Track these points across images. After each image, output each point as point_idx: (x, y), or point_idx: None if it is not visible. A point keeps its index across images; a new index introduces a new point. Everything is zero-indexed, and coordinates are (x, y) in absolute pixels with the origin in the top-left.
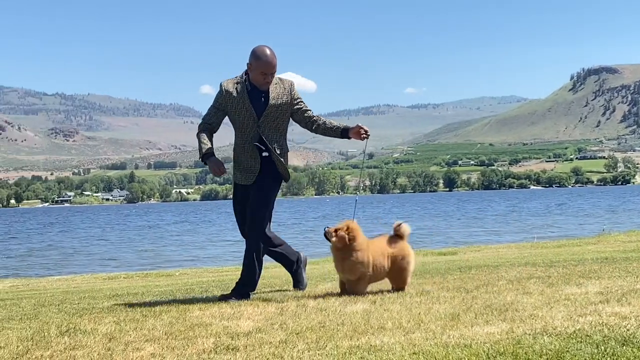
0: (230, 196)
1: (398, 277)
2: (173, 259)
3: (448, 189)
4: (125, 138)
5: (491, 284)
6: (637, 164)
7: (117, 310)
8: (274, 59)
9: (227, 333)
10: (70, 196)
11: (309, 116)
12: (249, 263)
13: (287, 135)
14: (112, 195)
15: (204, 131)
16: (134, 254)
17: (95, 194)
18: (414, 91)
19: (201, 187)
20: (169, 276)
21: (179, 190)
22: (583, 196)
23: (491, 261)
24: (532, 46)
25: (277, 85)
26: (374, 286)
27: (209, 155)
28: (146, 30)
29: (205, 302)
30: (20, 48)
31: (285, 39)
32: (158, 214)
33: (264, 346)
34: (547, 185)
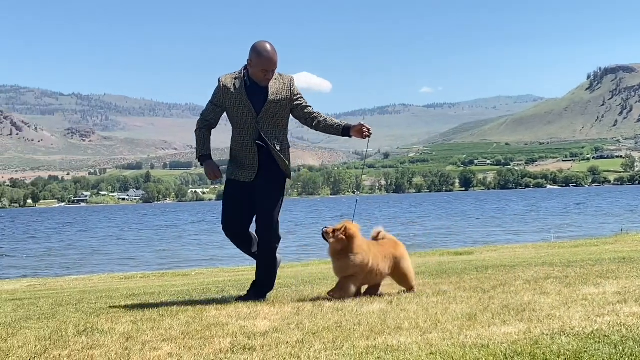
0: None
1: (403, 279)
2: (191, 258)
3: (464, 189)
4: (141, 138)
5: (508, 284)
6: None
7: (134, 310)
8: (275, 55)
9: (244, 333)
10: (86, 196)
11: (309, 112)
12: (265, 263)
13: (303, 135)
14: (128, 195)
15: (202, 129)
16: (153, 254)
17: (111, 194)
18: (429, 91)
19: (217, 187)
20: (185, 276)
21: (194, 190)
22: (601, 195)
23: (508, 261)
24: (549, 45)
25: (276, 81)
26: (388, 288)
27: (206, 157)
28: (162, 31)
29: (222, 302)
30: (37, 49)
31: (301, 39)
32: (175, 213)
33: (281, 346)
34: (564, 185)
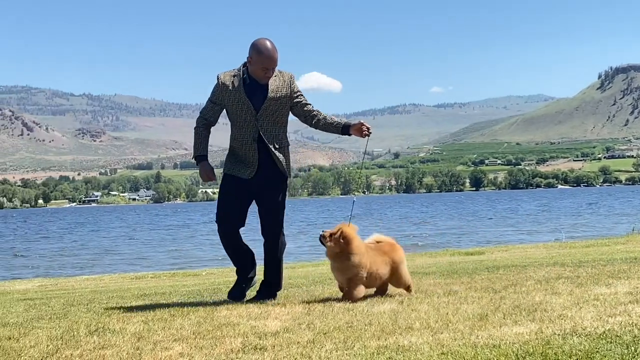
0: None
1: (399, 280)
2: (203, 258)
3: (474, 189)
4: (152, 138)
5: (519, 284)
6: None
7: (146, 310)
8: (276, 53)
9: (255, 333)
10: (97, 196)
11: (309, 110)
12: (273, 263)
13: (312, 134)
14: (138, 195)
15: (201, 127)
16: (164, 254)
17: (122, 194)
18: (440, 90)
19: None
20: (195, 276)
21: (204, 190)
22: (613, 195)
23: (519, 261)
24: (560, 44)
25: (276, 78)
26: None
27: (202, 158)
28: (174, 31)
29: (233, 302)
30: (48, 49)
31: (311, 39)
32: (187, 213)
33: (292, 346)
34: (575, 185)
